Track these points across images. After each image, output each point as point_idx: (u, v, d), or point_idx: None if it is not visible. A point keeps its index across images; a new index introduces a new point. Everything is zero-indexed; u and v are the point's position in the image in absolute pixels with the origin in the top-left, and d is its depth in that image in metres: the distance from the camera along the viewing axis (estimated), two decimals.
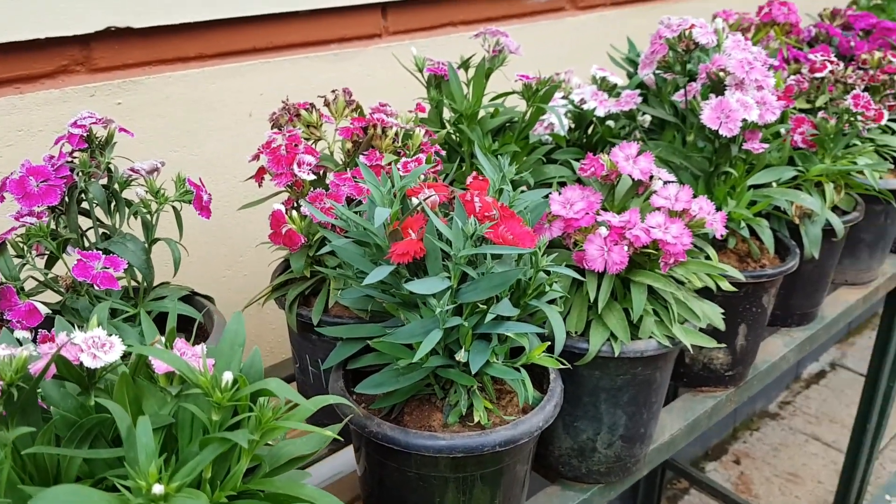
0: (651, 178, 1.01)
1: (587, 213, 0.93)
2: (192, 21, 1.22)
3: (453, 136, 1.20)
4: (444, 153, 1.13)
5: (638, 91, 1.26)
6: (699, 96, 1.17)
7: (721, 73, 1.10)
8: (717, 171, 1.17)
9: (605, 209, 1.02)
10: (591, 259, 0.91)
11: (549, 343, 0.83)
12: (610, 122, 1.32)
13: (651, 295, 0.98)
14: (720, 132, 1.06)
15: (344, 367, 0.87)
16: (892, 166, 1.58)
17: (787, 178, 1.28)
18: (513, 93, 1.17)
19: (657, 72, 1.18)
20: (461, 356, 0.76)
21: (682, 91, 1.19)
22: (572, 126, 1.34)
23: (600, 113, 1.28)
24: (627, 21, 1.95)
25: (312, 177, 0.97)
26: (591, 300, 0.92)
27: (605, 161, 0.98)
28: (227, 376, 0.52)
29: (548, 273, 0.82)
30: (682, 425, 1.16)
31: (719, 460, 2.78)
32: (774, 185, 1.29)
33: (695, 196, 1.16)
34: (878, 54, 1.54)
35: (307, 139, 1.06)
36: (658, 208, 0.95)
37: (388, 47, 1.49)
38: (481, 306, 0.78)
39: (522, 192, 1.08)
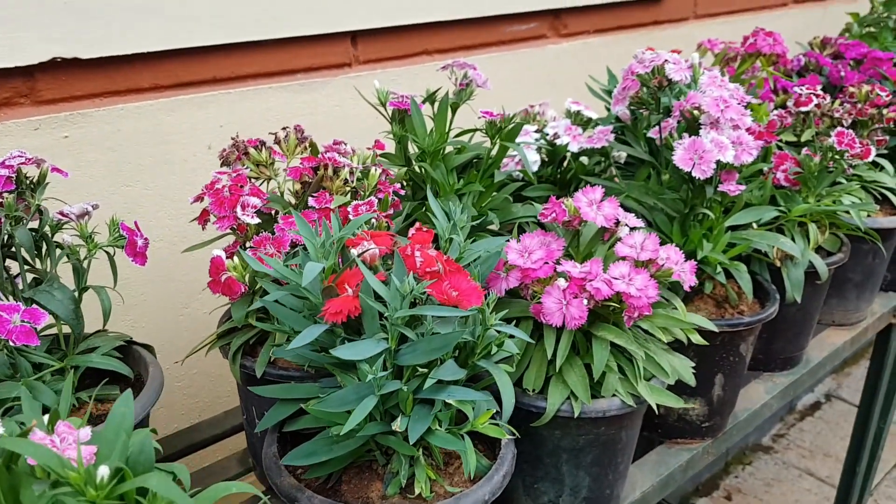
0: (617, 223, 0.95)
1: (546, 263, 0.87)
2: (147, 51, 1.17)
3: (419, 172, 1.14)
4: (403, 192, 1.07)
5: (612, 127, 1.20)
6: (675, 133, 1.12)
7: (696, 112, 1.05)
8: (693, 212, 1.11)
9: (569, 256, 0.97)
10: (549, 313, 0.85)
11: (498, 409, 0.77)
12: (584, 158, 1.27)
13: (617, 348, 0.92)
14: (693, 174, 1.00)
15: (280, 428, 0.81)
16: (881, 204, 1.53)
17: (769, 219, 1.22)
18: (477, 130, 1.12)
19: (630, 108, 1.12)
20: (398, 424, 0.70)
21: (657, 127, 1.14)
22: (545, 161, 1.29)
23: (573, 149, 1.22)
24: (612, 49, 1.90)
25: (256, 220, 0.92)
26: (549, 356, 0.86)
27: (567, 206, 0.92)
28: (103, 471, 0.46)
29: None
30: (654, 481, 1.10)
31: (710, 496, 2.71)
32: (755, 225, 1.23)
33: (669, 239, 1.11)
34: (865, 87, 1.49)
35: (256, 179, 1.01)
36: (623, 258, 0.90)
37: (359, 77, 1.44)
38: (421, 370, 0.72)
39: (478, 238, 1.03)
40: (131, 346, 0.96)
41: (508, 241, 0.89)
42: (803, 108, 1.42)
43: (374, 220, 0.92)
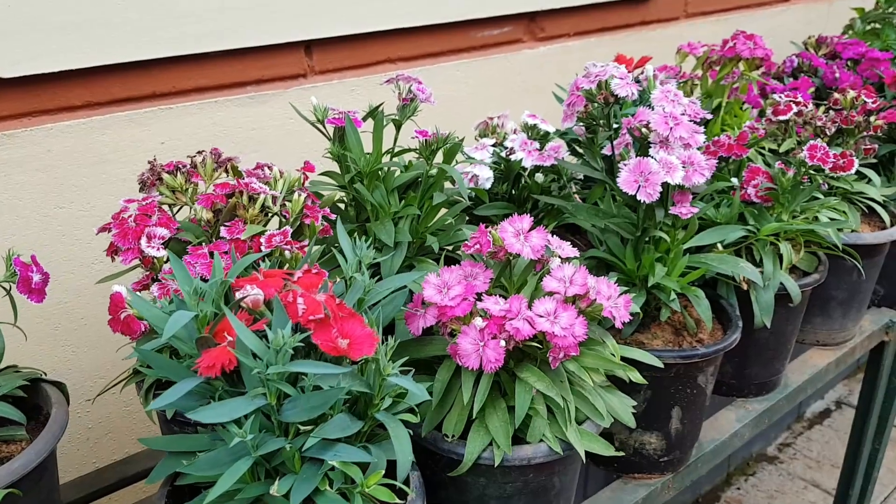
0: (552, 253, 0.88)
1: (464, 300, 0.81)
2: (79, 68, 1.12)
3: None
4: (334, 217, 1.01)
5: (562, 143, 1.14)
6: (632, 149, 1.05)
7: (644, 129, 0.98)
8: (646, 235, 1.04)
9: (503, 288, 0.91)
10: (465, 355, 0.79)
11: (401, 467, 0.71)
12: (540, 175, 1.20)
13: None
14: (638, 197, 0.94)
15: (173, 481, 0.76)
16: (869, 216, 1.44)
17: (735, 239, 1.15)
18: (411, 150, 1.06)
19: (579, 124, 1.05)
20: (275, 489, 0.65)
21: (615, 143, 1.07)
22: (500, 177, 1.22)
23: (528, 165, 1.16)
24: (593, 52, 1.82)
25: (162, 253, 0.86)
26: (465, 401, 0.80)
27: (493, 236, 0.86)
28: None
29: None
30: None
31: None
32: (720, 246, 1.16)
33: (622, 263, 1.04)
34: (851, 93, 1.40)
35: (173, 205, 0.96)
36: (551, 293, 0.83)
37: (314, 88, 1.39)
38: (305, 427, 0.66)
39: (421, 264, 0.97)
40: (41, 383, 0.91)
41: (427, 274, 0.83)
42: (781, 118, 1.34)
43: (288, 252, 0.86)
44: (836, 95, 1.41)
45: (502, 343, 0.79)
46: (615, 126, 1.03)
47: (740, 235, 1.15)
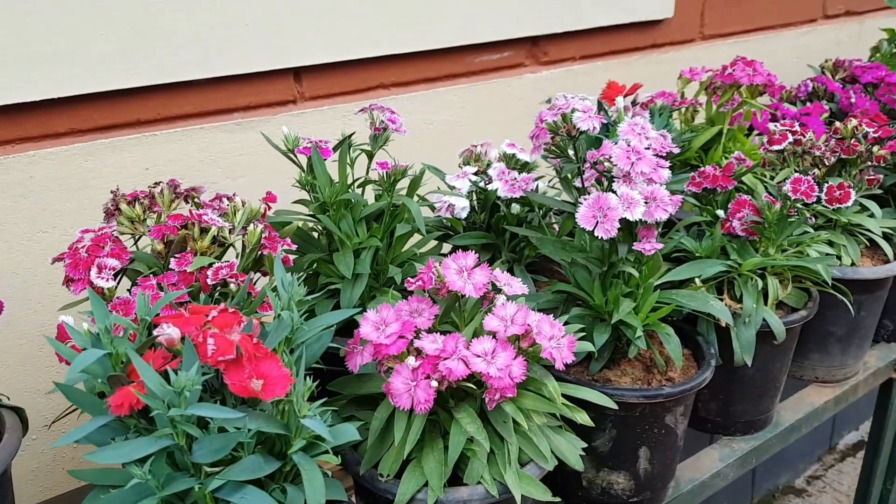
0: (499, 290, 0.87)
1: (401, 337, 0.80)
2: (61, 97, 1.14)
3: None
4: (294, 247, 1.01)
5: (534, 175, 1.12)
6: (605, 182, 1.03)
7: (608, 163, 0.96)
8: (613, 269, 1.02)
9: (454, 325, 0.89)
10: (397, 394, 0.78)
11: None
12: (517, 206, 1.18)
13: (491, 426, 0.84)
14: (595, 233, 0.91)
15: None
16: (873, 249, 1.39)
17: (713, 273, 1.12)
18: (371, 182, 1.05)
19: (545, 157, 1.04)
20: None
21: (585, 176, 1.05)
22: (476, 208, 1.21)
23: (502, 195, 1.14)
24: (600, 76, 1.79)
25: (111, 284, 0.87)
26: (397, 442, 0.79)
27: (436, 272, 0.85)
28: None
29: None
30: None
31: None
32: (698, 281, 1.13)
33: (591, 297, 1.02)
34: (853, 122, 1.35)
35: (133, 235, 0.97)
36: (492, 332, 0.82)
37: (303, 114, 1.39)
38: (212, 469, 0.66)
39: (382, 296, 0.97)
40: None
41: (366, 311, 0.82)
42: (775, 147, 1.30)
43: (234, 286, 0.87)
44: (837, 124, 1.37)
45: (434, 384, 0.77)
46: (582, 159, 1.01)
47: (718, 270, 1.11)
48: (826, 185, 1.28)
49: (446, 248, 1.22)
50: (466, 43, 1.56)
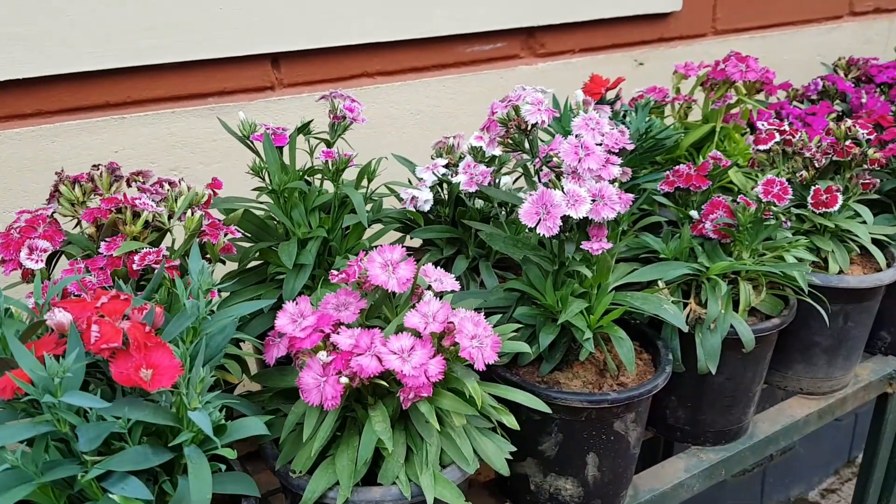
0: (428, 287, 0.84)
1: (315, 331, 0.78)
2: (28, 77, 1.14)
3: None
4: (237, 235, 1.00)
5: (491, 169, 1.09)
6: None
7: (557, 158, 0.92)
8: (564, 269, 0.98)
9: (386, 320, 0.87)
10: (307, 390, 0.76)
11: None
12: (481, 200, 1.15)
13: (410, 426, 0.81)
14: (538, 230, 0.88)
15: None
16: (866, 256, 1.32)
17: (677, 276, 1.07)
18: (317, 171, 1.03)
19: (505, 150, 1.00)
20: None
21: (543, 172, 1.01)
22: (444, 200, 1.18)
23: (463, 189, 1.11)
24: (601, 69, 1.74)
25: (41, 266, 0.87)
26: (305, 439, 0.77)
27: (361, 266, 0.82)
28: None
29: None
30: None
31: None
32: (661, 283, 1.08)
33: (543, 296, 0.98)
34: (847, 122, 1.29)
35: (74, 218, 0.96)
36: (413, 329, 0.79)
37: (282, 101, 1.38)
38: (92, 457, 0.65)
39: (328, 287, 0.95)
40: None
41: (285, 303, 0.80)
42: (762, 147, 1.24)
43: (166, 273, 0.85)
44: (831, 125, 1.30)
45: (344, 380, 0.75)
46: (535, 154, 0.97)
47: (682, 273, 1.07)
48: (814, 187, 1.22)
49: (416, 243, 1.20)
50: (457, 32, 1.53)
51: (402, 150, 1.29)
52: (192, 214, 0.92)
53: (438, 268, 0.86)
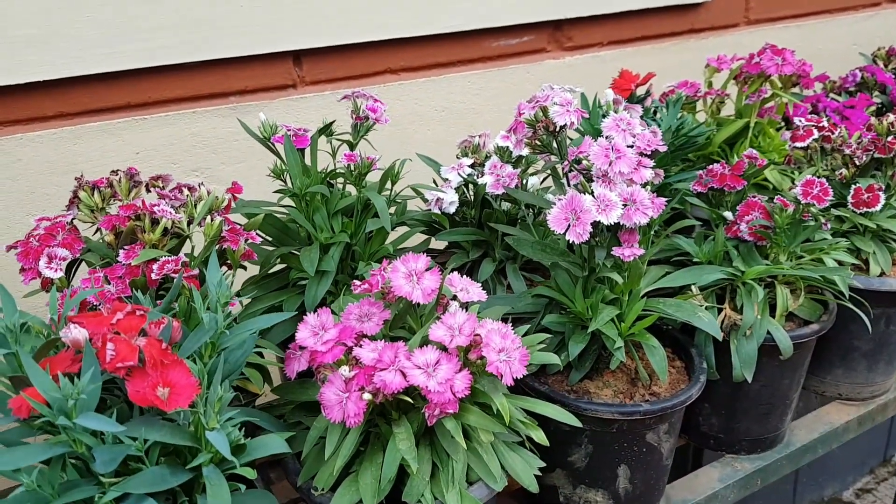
0: (454, 297, 0.82)
1: (337, 344, 0.75)
2: (47, 79, 1.13)
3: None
4: (258, 241, 0.97)
5: (518, 171, 1.05)
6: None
7: (587, 161, 0.89)
8: (594, 274, 0.95)
9: (406, 328, 0.84)
10: (329, 406, 0.74)
11: None
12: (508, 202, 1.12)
13: (435, 442, 0.79)
14: (567, 237, 0.85)
15: None
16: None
17: (711, 281, 1.03)
18: (339, 174, 1.00)
19: (531, 152, 0.97)
20: None
21: (572, 174, 0.98)
22: (469, 201, 1.15)
23: (489, 191, 1.08)
24: (630, 63, 1.69)
25: (60, 274, 0.85)
26: (327, 456, 0.74)
27: (385, 276, 0.79)
28: None
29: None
30: None
31: None
32: (694, 289, 1.05)
33: (572, 303, 0.95)
34: (890, 117, 1.24)
35: (93, 224, 0.95)
36: (436, 342, 0.76)
37: (304, 99, 1.36)
38: (107, 480, 0.63)
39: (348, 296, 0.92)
40: None
41: (306, 315, 0.78)
42: (799, 144, 1.20)
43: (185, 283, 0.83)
44: (873, 120, 1.25)
45: (366, 396, 0.72)
46: (565, 156, 0.94)
47: (716, 278, 1.03)
48: (854, 186, 1.18)
49: (441, 245, 1.17)
50: (482, 27, 1.49)
51: (426, 147, 1.26)
52: (212, 220, 0.90)
53: (464, 276, 0.83)
